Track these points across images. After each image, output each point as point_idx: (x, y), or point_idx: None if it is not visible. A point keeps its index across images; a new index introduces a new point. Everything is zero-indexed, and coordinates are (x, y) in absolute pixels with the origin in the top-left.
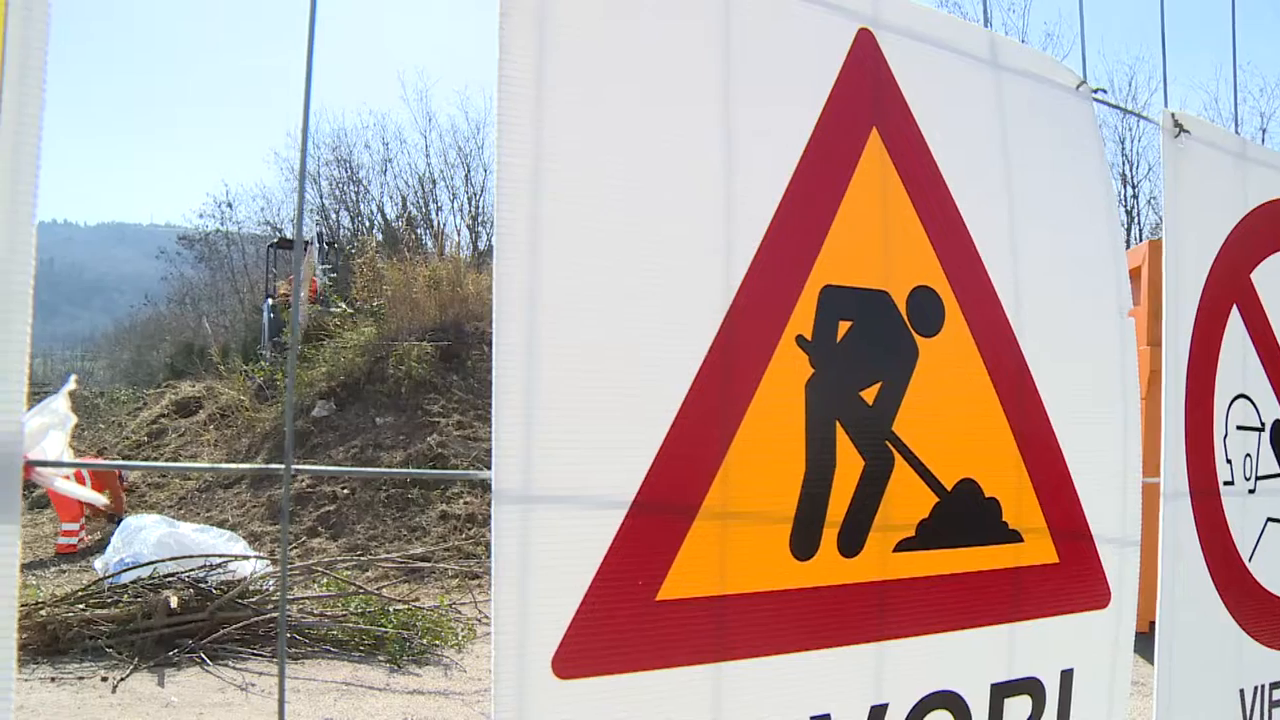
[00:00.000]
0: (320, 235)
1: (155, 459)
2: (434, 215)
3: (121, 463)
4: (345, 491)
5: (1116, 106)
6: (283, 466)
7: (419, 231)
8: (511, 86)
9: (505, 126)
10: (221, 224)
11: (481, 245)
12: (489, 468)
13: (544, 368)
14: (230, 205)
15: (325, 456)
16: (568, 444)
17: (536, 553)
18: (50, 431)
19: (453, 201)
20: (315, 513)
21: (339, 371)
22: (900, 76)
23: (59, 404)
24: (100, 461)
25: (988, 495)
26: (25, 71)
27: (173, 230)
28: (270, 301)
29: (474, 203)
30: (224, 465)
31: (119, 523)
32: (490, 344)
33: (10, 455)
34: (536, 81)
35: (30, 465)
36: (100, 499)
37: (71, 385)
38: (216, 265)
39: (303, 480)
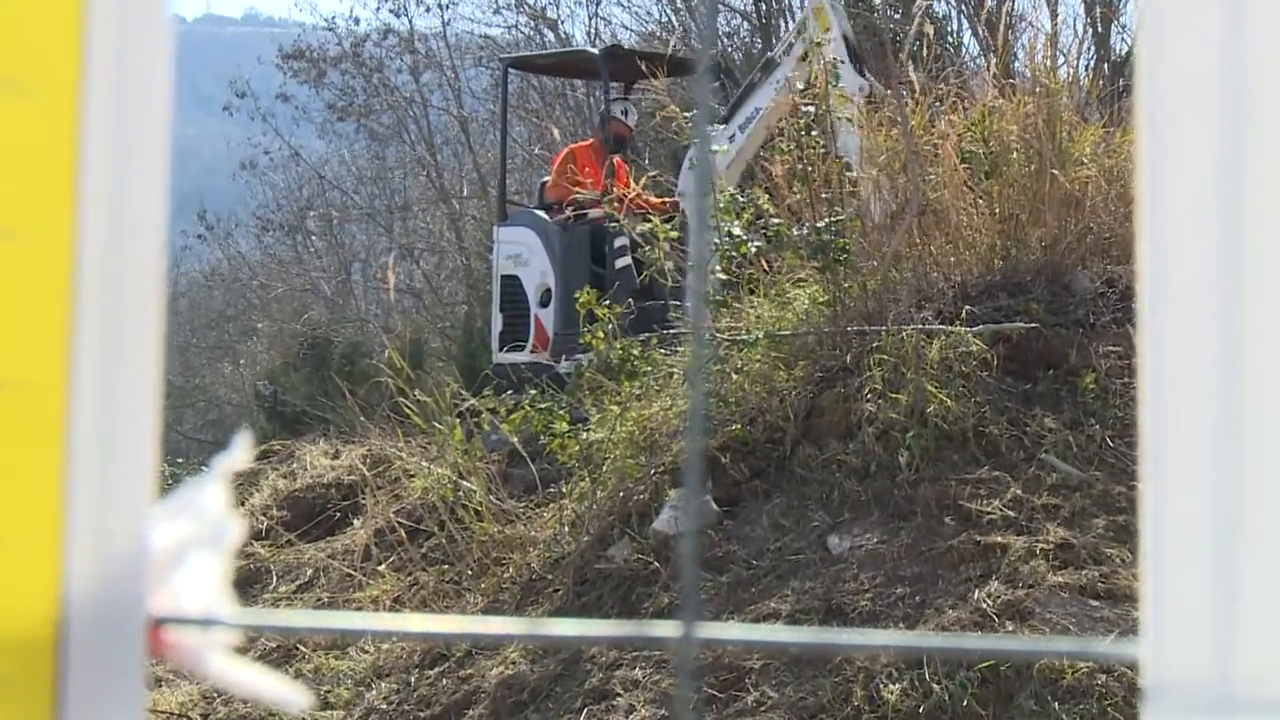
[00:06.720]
0: None
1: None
2: None
3: (412, 625)
4: (757, 703)
5: None
6: (678, 631)
7: (938, 21)
8: None
9: None
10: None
11: (1117, 48)
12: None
13: (1257, 410)
14: None
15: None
16: None
17: None
18: (192, 551)
19: None
20: None
21: (732, 411)
22: None
23: (209, 496)
24: (320, 623)
25: None
26: None
27: (274, 30)
28: (567, 217)
29: None
30: (580, 633)
31: None
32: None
33: (125, 609)
34: None
35: (159, 627)
36: (300, 700)
37: (242, 451)
38: (391, 128)
39: (623, 687)
